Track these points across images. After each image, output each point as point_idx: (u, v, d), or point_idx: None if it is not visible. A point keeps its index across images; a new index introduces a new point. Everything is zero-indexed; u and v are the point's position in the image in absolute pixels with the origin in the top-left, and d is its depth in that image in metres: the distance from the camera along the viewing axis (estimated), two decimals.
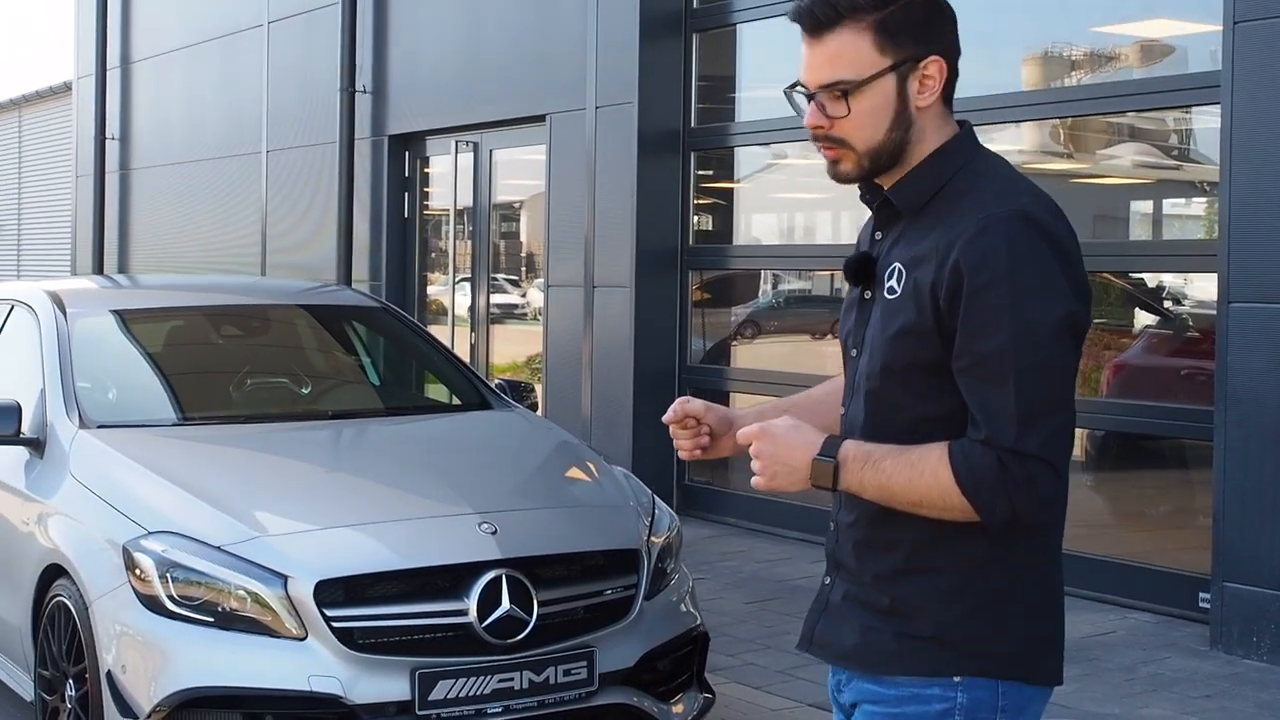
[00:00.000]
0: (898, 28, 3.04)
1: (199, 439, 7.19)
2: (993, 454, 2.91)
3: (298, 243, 17.09)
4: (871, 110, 3.06)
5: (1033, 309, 2.92)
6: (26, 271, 29.66)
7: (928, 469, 2.96)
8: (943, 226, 3.02)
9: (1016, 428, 2.90)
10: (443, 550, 5.95)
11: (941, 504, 2.96)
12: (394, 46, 15.49)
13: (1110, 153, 10.52)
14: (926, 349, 3.01)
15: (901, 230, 3.13)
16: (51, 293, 7.91)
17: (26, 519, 6.73)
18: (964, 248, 2.94)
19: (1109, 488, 10.19)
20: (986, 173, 3.12)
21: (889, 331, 3.05)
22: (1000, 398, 2.91)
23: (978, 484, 2.91)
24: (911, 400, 3.06)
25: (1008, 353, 2.91)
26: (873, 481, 3.01)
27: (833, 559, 3.25)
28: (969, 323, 2.93)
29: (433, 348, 8.65)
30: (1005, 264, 2.92)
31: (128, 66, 21.14)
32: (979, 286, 2.92)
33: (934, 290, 2.97)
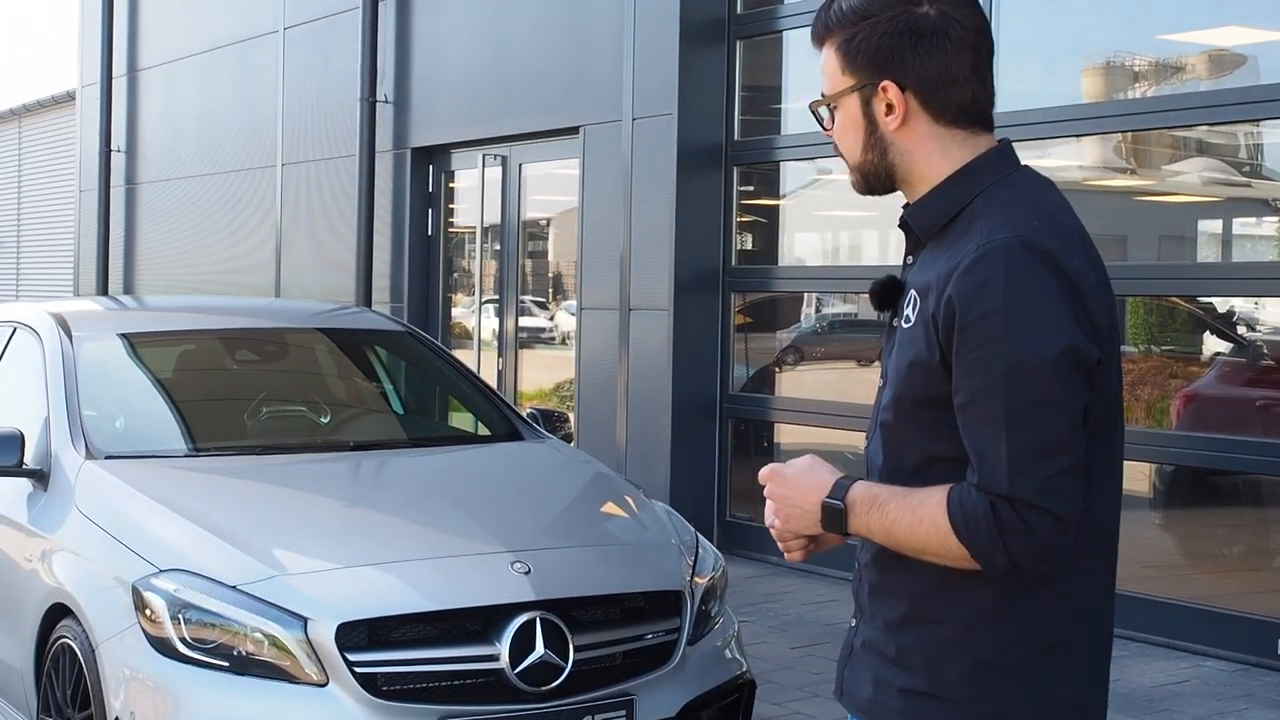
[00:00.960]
0: (857, 50, 3.13)
1: (212, 471, 7.16)
2: (986, 500, 2.89)
3: (315, 262, 17.11)
4: (843, 128, 3.19)
5: (1028, 344, 2.89)
6: (26, 291, 29.76)
7: (927, 514, 2.97)
8: (950, 253, 3.03)
9: (1008, 473, 2.88)
10: (473, 591, 5.91)
11: (942, 550, 2.96)
12: (417, 54, 15.50)
13: (1177, 168, 10.47)
14: (934, 383, 3.00)
15: (925, 255, 3.15)
16: (56, 315, 7.90)
17: (29, 555, 6.71)
18: (959, 278, 2.94)
19: (1178, 526, 10.13)
20: (1006, 195, 3.10)
21: (902, 363, 3.07)
22: (991, 440, 2.90)
23: (973, 531, 2.90)
24: (921, 437, 3.06)
25: (998, 391, 2.89)
26: (878, 526, 3.03)
27: (856, 601, 3.29)
28: (962, 358, 2.93)
29: (460, 374, 8.62)
30: (1000, 295, 2.91)
31: (135, 75, 21.21)
32: (971, 320, 2.91)
33: (934, 321, 2.98)
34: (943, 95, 3.10)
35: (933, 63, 3.09)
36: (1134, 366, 10.17)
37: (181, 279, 19.93)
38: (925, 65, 3.09)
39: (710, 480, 12.21)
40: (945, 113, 3.11)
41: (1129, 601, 9.34)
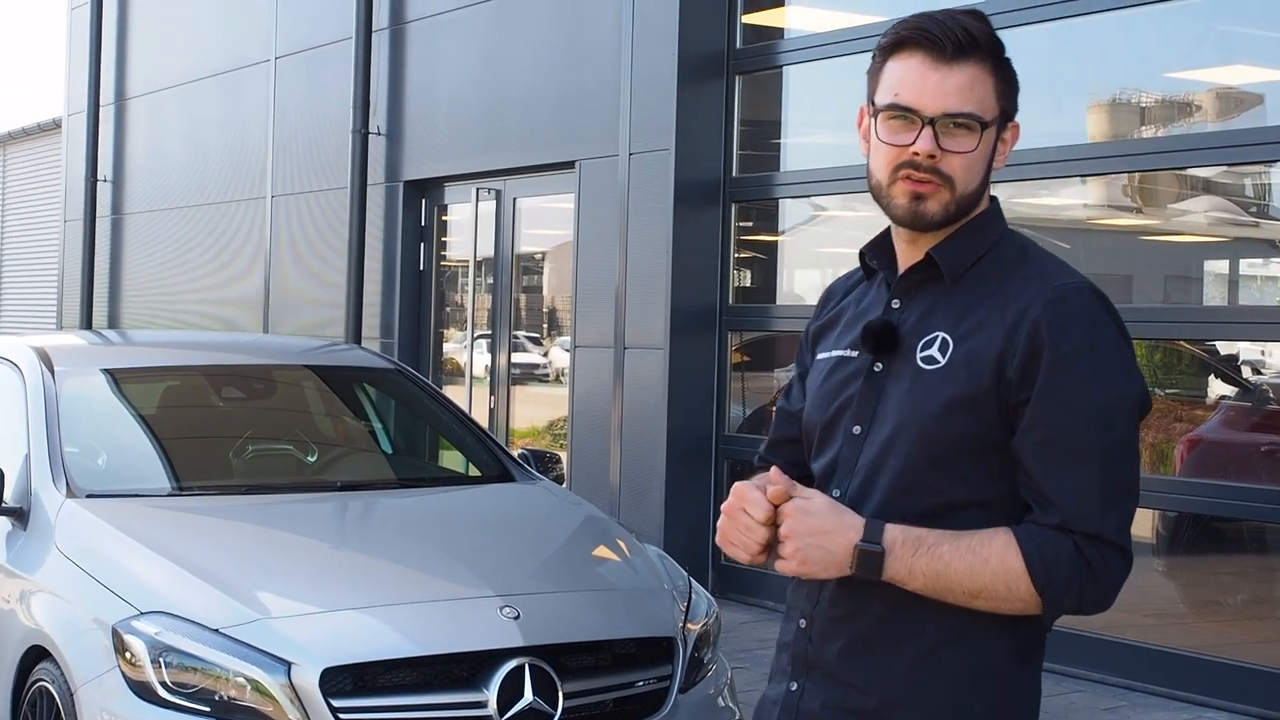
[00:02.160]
0: (1009, 80, 3.15)
1: (196, 511, 7.17)
2: (1069, 540, 2.93)
3: (304, 296, 17.11)
4: (981, 154, 3.13)
5: (1114, 387, 2.98)
6: (8, 324, 29.75)
7: (993, 556, 2.96)
8: (1001, 295, 3.06)
9: (1099, 511, 2.94)
10: (460, 636, 5.92)
11: (1005, 594, 2.97)
12: (410, 85, 15.53)
13: (1183, 208, 10.49)
14: (978, 424, 3.02)
15: (935, 298, 3.15)
16: (38, 349, 7.90)
17: (7, 596, 6.70)
18: (1044, 313, 2.98)
19: (1181, 574, 10.12)
20: (1029, 244, 3.19)
21: (933, 405, 3.05)
22: (1082, 478, 2.94)
23: (1050, 572, 2.94)
24: (944, 482, 3.05)
25: (1091, 431, 2.95)
26: (926, 569, 2.99)
27: (803, 660, 3.19)
28: (1051, 393, 2.96)
29: (451, 414, 8.62)
30: (1086, 336, 2.98)
31: (122, 103, 21.24)
32: (1063, 356, 2.96)
33: (1001, 359, 2.99)
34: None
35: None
36: None
37: (167, 312, 19.93)
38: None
39: (705, 522, 12.20)
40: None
41: (1130, 650, 9.34)
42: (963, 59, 3.09)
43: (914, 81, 3.11)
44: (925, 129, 3.09)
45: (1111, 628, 9.60)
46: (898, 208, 3.15)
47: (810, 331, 3.44)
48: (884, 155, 3.15)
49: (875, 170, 3.18)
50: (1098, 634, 9.55)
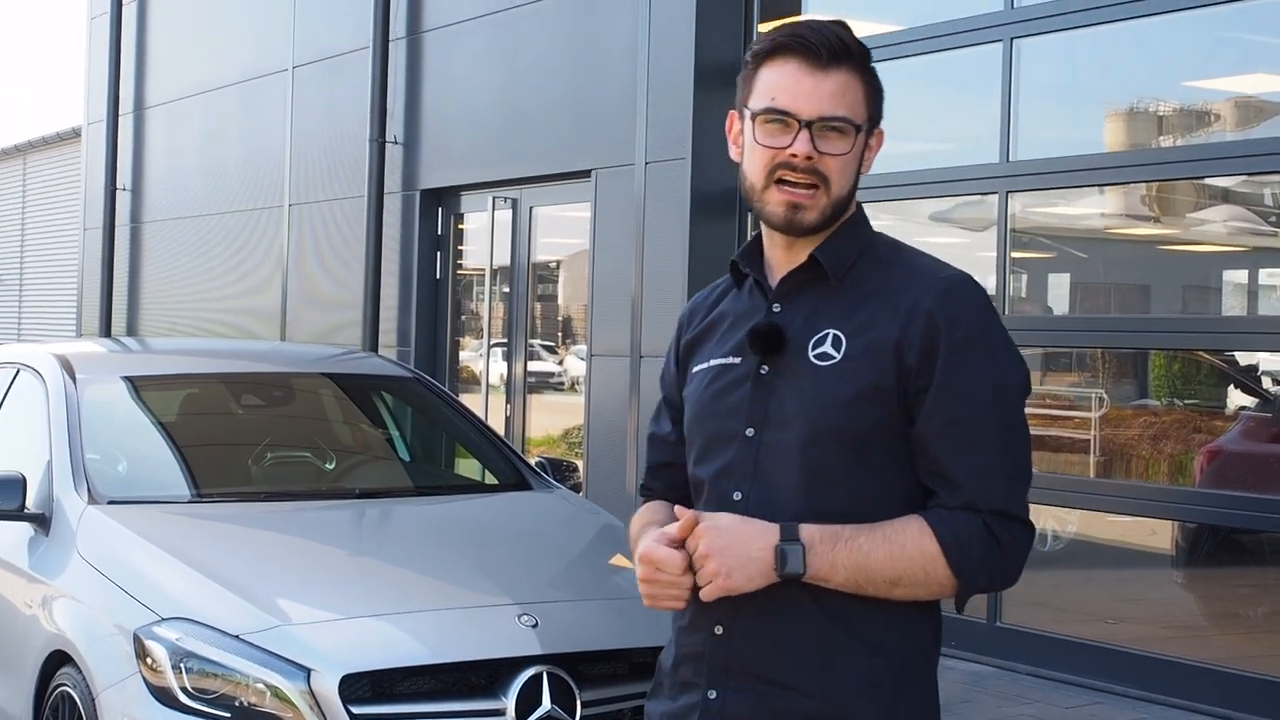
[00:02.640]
0: (877, 87, 3.25)
1: (215, 518, 7.19)
2: (979, 520, 3.05)
3: (322, 304, 17.14)
4: (854, 157, 3.22)
5: (1007, 372, 3.14)
6: (28, 331, 29.81)
7: (909, 542, 3.05)
8: (886, 290, 3.18)
9: (1005, 489, 3.08)
10: (478, 644, 5.93)
11: (923, 578, 3.07)
12: (427, 94, 15.56)
13: (1201, 217, 10.49)
14: (883, 414, 3.11)
15: (818, 299, 3.23)
16: (60, 357, 7.93)
17: (29, 601, 6.73)
18: (937, 302, 3.10)
19: (1200, 586, 10.12)
20: (900, 244, 3.32)
21: (840, 398, 3.11)
22: (986, 458, 3.08)
23: (965, 554, 3.05)
24: (853, 476, 3.12)
25: (991, 412, 3.10)
26: (847, 561, 3.05)
27: (721, 667, 3.20)
28: (950, 381, 3.08)
29: (468, 422, 8.63)
30: (977, 324, 3.13)
31: (141, 112, 21.29)
32: (959, 342, 3.09)
33: (898, 348, 3.09)
34: None
35: None
36: (1157, 420, 10.17)
37: (186, 320, 19.96)
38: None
39: None
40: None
41: (1149, 663, 9.33)
42: (836, 65, 3.18)
43: (790, 86, 3.18)
44: (802, 131, 3.16)
45: (1132, 640, 9.61)
46: (773, 214, 3.23)
47: (679, 351, 3.49)
48: (760, 158, 3.22)
49: (750, 173, 3.25)
50: (1117, 646, 9.56)
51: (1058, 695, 9.21)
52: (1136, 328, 10.15)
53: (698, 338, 3.42)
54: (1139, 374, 10.68)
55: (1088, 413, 10.51)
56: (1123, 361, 10.68)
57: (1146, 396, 10.46)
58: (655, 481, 3.54)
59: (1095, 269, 11.17)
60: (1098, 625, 10.06)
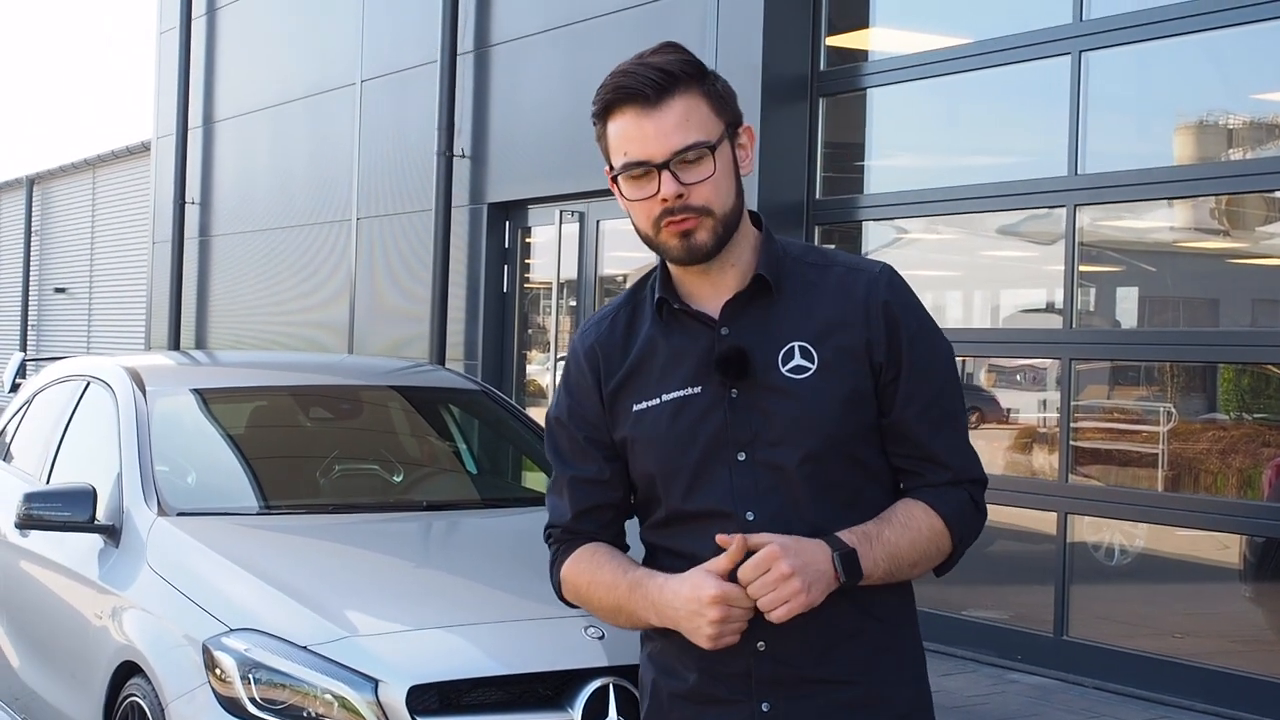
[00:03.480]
0: (720, 93, 3.29)
1: (284, 529, 7.22)
2: (963, 491, 3.27)
3: (389, 317, 17.20)
4: (723, 174, 3.24)
5: (944, 345, 3.34)
6: (97, 343, 30.01)
7: (923, 525, 3.23)
8: (823, 293, 3.27)
9: (975, 458, 3.32)
10: (545, 655, 5.93)
11: (935, 555, 3.27)
12: (495, 108, 15.60)
13: (1270, 230, 10.43)
14: (867, 412, 3.24)
15: (761, 314, 3.27)
16: (130, 370, 7.98)
17: (100, 612, 6.79)
18: (888, 295, 3.25)
19: (1269, 600, 10.05)
20: (806, 244, 3.53)
21: (830, 406, 3.21)
22: (957, 434, 3.31)
23: (963, 523, 3.27)
24: (851, 474, 3.25)
25: (950, 391, 3.32)
26: (882, 557, 3.19)
27: (769, 679, 3.25)
28: (916, 368, 3.25)
29: (535, 435, 8.64)
30: (918, 309, 3.31)
31: (210, 126, 21.42)
32: (915, 331, 3.26)
33: (869, 348, 3.22)
34: None
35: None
36: (1225, 434, 10.12)
37: (254, 333, 20.07)
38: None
39: None
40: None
41: (1216, 676, 9.29)
42: (667, 97, 3.22)
43: (635, 135, 3.25)
44: (663, 174, 3.20)
45: (1199, 654, 9.57)
46: (672, 250, 3.26)
47: (602, 394, 3.41)
48: (640, 211, 3.27)
49: (640, 226, 3.30)
50: (1184, 660, 9.53)
51: (1124, 709, 9.18)
52: (1205, 341, 10.12)
53: (626, 377, 3.38)
54: (1207, 388, 10.63)
55: (1155, 427, 10.47)
56: (1190, 375, 10.63)
57: (1215, 410, 10.41)
58: (585, 525, 3.48)
59: (1164, 282, 11.12)
60: (1164, 639, 10.02)
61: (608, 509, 3.45)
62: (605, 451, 3.42)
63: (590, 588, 3.44)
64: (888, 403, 3.24)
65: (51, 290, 33.29)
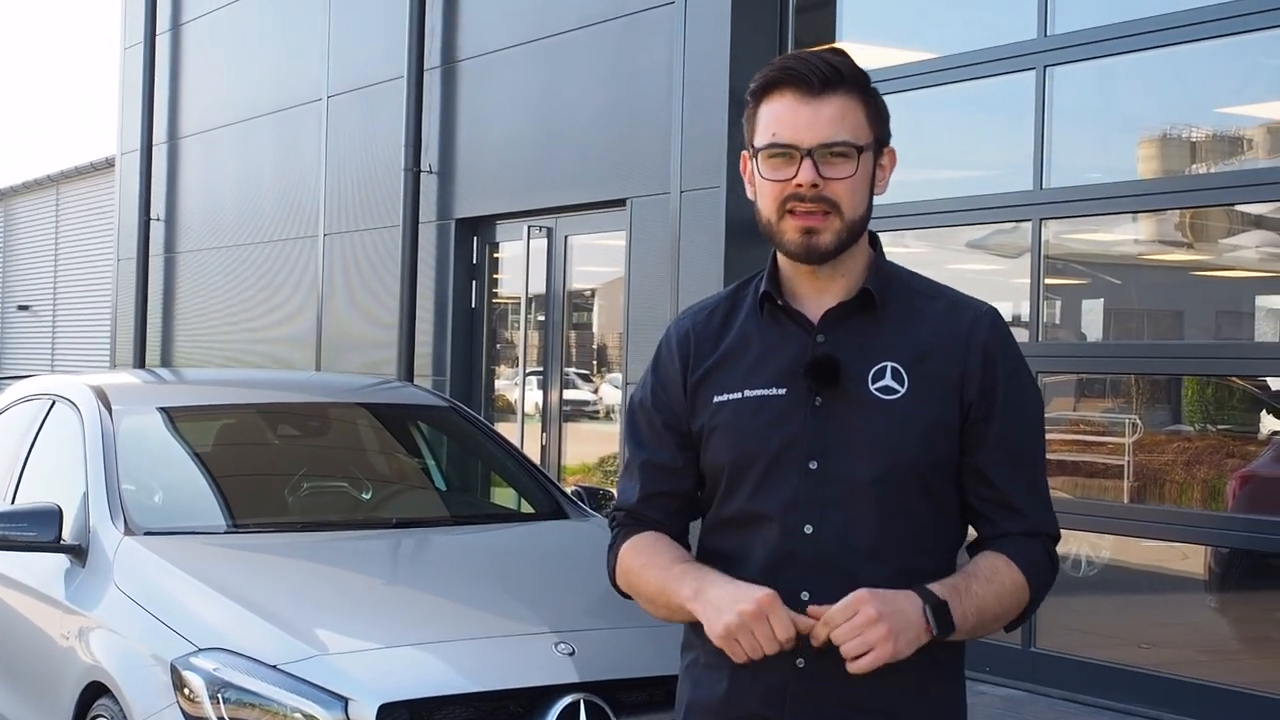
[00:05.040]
0: (878, 108, 3.30)
1: (252, 548, 7.21)
2: (1041, 544, 3.25)
3: (356, 334, 17.19)
4: (862, 180, 3.27)
5: (1038, 401, 3.36)
6: (61, 362, 29.93)
7: (1007, 580, 3.21)
8: (926, 321, 3.28)
9: (1053, 515, 3.29)
10: (516, 672, 5.93)
11: (1015, 608, 3.26)
12: (462, 124, 15.61)
13: (1234, 243, 10.49)
14: (948, 445, 3.23)
15: (862, 329, 3.29)
16: (96, 388, 7.96)
17: (66, 632, 6.76)
18: (989, 338, 3.25)
19: (1233, 610, 10.10)
20: (914, 272, 3.44)
21: (914, 431, 3.20)
22: (1038, 486, 3.29)
23: (1041, 579, 3.26)
24: (920, 504, 3.22)
25: (1037, 442, 3.31)
26: (973, 610, 3.17)
27: (807, 698, 3.23)
28: (1007, 412, 3.23)
29: (505, 451, 8.65)
30: (1016, 354, 3.30)
31: (175, 142, 21.39)
32: (1010, 375, 3.25)
33: (962, 383, 3.22)
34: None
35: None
36: (1190, 445, 10.17)
37: (220, 350, 20.04)
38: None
39: None
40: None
41: (1182, 686, 9.33)
42: (830, 92, 3.23)
43: (788, 118, 3.24)
44: (805, 160, 3.22)
45: (1165, 665, 9.60)
46: (790, 243, 3.28)
47: (686, 380, 3.42)
48: (770, 193, 3.28)
49: (764, 210, 3.31)
50: (1150, 670, 9.56)
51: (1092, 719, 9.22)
52: (1170, 354, 10.16)
53: (713, 367, 3.40)
54: (1172, 399, 10.68)
55: (1121, 438, 10.52)
56: (1156, 387, 10.68)
57: (1180, 422, 10.46)
58: (651, 510, 3.49)
59: (1129, 295, 11.17)
60: (1130, 650, 10.06)
61: (675, 497, 3.44)
62: (681, 439, 3.43)
63: (644, 570, 3.44)
64: (973, 442, 3.23)
65: (15, 308, 33.20)
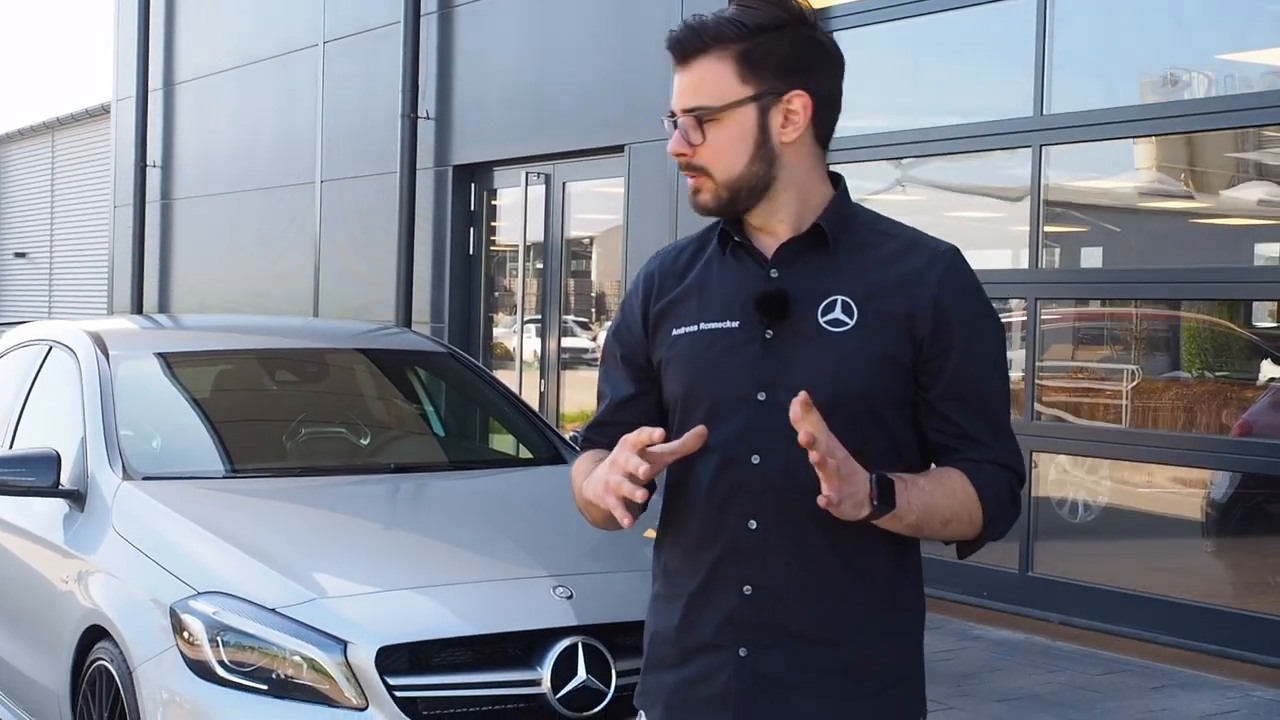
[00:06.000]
0: (762, 58, 3.25)
1: (251, 493, 7.22)
2: (1002, 474, 3.25)
3: (354, 281, 17.19)
4: (729, 140, 3.26)
5: (1000, 339, 3.36)
6: (58, 309, 29.92)
7: (958, 487, 3.21)
8: (881, 258, 3.28)
9: (1016, 450, 3.31)
10: (514, 616, 5.95)
11: (967, 520, 3.24)
12: (460, 69, 15.58)
13: (1234, 194, 10.50)
14: (898, 379, 3.23)
15: (816, 265, 3.29)
16: (93, 334, 7.95)
17: (66, 577, 6.78)
18: (942, 281, 3.23)
19: (1233, 554, 10.15)
20: (877, 213, 3.43)
21: (859, 363, 3.21)
22: (1000, 423, 3.29)
23: (998, 503, 3.25)
24: (868, 437, 3.20)
25: (998, 380, 3.32)
26: (917, 502, 3.16)
27: (752, 625, 3.27)
28: (967, 353, 3.23)
29: (501, 396, 8.65)
30: (976, 295, 3.29)
31: (171, 88, 21.35)
32: (969, 315, 3.25)
33: (911, 320, 3.21)
34: (829, 115, 3.34)
35: (829, 81, 3.33)
36: (1188, 391, 10.20)
37: (217, 297, 20.03)
38: (824, 81, 3.32)
39: None
40: (822, 133, 3.35)
41: (1179, 609, 9.42)
42: (693, 58, 3.27)
43: (673, 88, 3.33)
44: (674, 129, 3.30)
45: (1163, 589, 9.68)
46: (689, 200, 3.37)
47: (648, 314, 3.45)
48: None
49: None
50: (1149, 594, 9.65)
51: (1087, 664, 9.24)
52: (1169, 279, 10.20)
53: (672, 302, 3.42)
54: (1171, 346, 10.70)
55: (1119, 384, 10.56)
56: (1154, 334, 10.71)
57: (1178, 369, 10.48)
58: (599, 436, 3.53)
59: (1128, 244, 11.18)
60: (1128, 575, 10.14)
61: (626, 426, 3.38)
62: (636, 372, 3.47)
63: (578, 488, 3.47)
64: (928, 379, 3.22)
65: (11, 255, 33.18)
